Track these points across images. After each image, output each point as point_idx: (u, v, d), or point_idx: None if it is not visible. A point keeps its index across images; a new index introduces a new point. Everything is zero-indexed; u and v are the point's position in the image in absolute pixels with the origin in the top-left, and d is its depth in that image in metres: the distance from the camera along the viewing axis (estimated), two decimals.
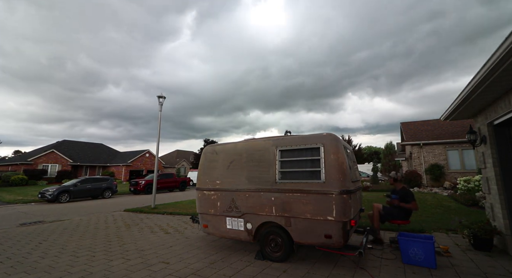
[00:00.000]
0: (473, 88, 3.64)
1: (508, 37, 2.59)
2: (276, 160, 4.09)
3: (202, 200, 4.78)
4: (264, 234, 4.12)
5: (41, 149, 33.03)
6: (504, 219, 4.09)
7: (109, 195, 16.78)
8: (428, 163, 15.30)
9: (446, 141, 15.02)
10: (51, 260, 4.46)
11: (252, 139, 4.86)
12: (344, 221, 3.47)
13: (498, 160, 4.26)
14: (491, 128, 4.42)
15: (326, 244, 3.60)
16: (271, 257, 4.03)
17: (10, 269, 4.07)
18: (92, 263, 4.24)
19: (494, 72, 3.10)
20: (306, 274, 3.49)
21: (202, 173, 4.89)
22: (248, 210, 4.21)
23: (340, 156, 3.69)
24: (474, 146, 4.92)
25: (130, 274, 3.71)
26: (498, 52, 2.80)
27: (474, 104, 4.31)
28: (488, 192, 4.61)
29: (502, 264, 3.66)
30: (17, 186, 23.70)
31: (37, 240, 5.92)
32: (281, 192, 3.92)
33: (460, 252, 4.25)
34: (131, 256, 4.53)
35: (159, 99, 11.45)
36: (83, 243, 5.50)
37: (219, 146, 4.93)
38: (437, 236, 5.07)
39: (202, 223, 4.82)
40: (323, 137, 3.83)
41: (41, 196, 14.10)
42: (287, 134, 24.87)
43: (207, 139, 43.13)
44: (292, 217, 3.80)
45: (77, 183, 15.50)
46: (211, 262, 4.08)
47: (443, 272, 3.45)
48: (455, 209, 7.76)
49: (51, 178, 28.96)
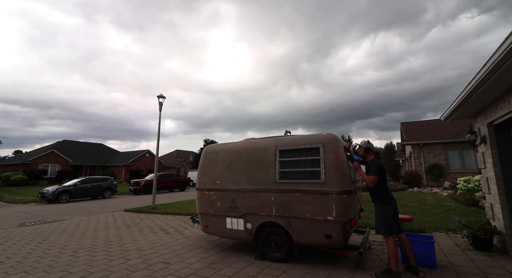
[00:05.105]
0: (473, 88, 3.64)
1: (508, 37, 2.59)
2: (276, 160, 4.09)
3: (202, 200, 4.78)
4: (264, 234, 4.12)
5: (41, 149, 33.05)
6: (504, 219, 4.09)
7: (109, 195, 16.78)
8: (428, 163, 15.29)
9: (446, 141, 15.02)
10: (51, 260, 4.46)
11: (252, 139, 4.86)
12: (344, 221, 3.47)
13: (498, 160, 4.25)
14: (491, 128, 4.42)
15: (326, 244, 3.60)
16: (271, 257, 4.03)
17: (10, 269, 4.07)
18: (92, 263, 4.24)
19: (494, 72, 3.10)
20: (306, 274, 3.49)
21: (202, 173, 4.89)
22: (248, 210, 4.21)
23: (340, 155, 3.69)
24: (474, 146, 4.91)
25: (130, 274, 3.71)
26: (498, 52, 2.79)
27: (474, 104, 4.31)
28: (488, 192, 4.61)
29: (502, 264, 3.66)
30: (17, 186, 23.68)
31: (37, 240, 5.92)
32: (281, 192, 3.92)
33: (460, 252, 4.25)
34: (131, 256, 4.53)
35: (159, 99, 11.46)
36: (83, 243, 5.50)
37: (219, 146, 4.93)
38: (437, 236, 5.07)
39: (202, 223, 4.82)
40: (323, 137, 3.83)
41: (41, 196, 14.10)
42: (287, 134, 24.72)
43: (207, 139, 43.15)
44: (292, 217, 3.80)
45: (77, 183, 15.49)
46: (211, 262, 4.08)
47: (443, 272, 3.45)
48: (455, 209, 7.76)
49: (51, 178, 28.92)
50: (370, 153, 3.84)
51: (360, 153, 3.89)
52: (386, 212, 3.48)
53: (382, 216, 3.49)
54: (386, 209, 3.49)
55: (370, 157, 3.81)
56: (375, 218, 3.60)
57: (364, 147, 3.81)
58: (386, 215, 3.46)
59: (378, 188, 3.55)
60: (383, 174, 3.58)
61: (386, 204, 3.51)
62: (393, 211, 3.48)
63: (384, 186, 3.56)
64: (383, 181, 3.56)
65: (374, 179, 3.51)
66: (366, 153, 3.84)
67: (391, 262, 3.35)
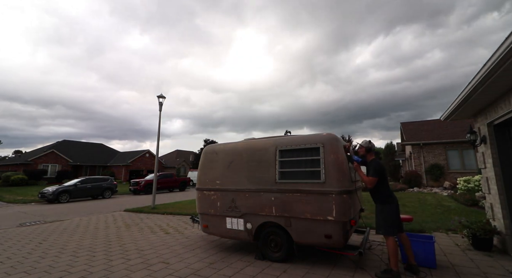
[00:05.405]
0: (473, 88, 3.64)
1: (508, 37, 2.59)
2: (276, 160, 4.09)
3: (202, 200, 4.78)
4: (264, 234, 4.12)
5: (41, 149, 33.04)
6: (504, 219, 4.09)
7: (109, 195, 16.78)
8: (428, 163, 15.29)
9: (446, 141, 15.02)
10: (51, 260, 4.46)
11: (252, 139, 4.86)
12: (344, 221, 3.46)
13: (498, 160, 4.25)
14: (491, 128, 4.42)
15: (326, 244, 3.60)
16: (271, 257, 4.03)
17: (10, 269, 4.07)
18: (92, 263, 4.24)
19: (494, 72, 3.10)
20: (306, 274, 3.49)
21: (202, 173, 4.88)
22: (248, 210, 4.21)
23: (340, 155, 3.69)
24: (474, 146, 4.91)
25: (130, 274, 3.71)
26: (498, 52, 2.79)
27: (474, 104, 4.31)
28: (488, 192, 4.61)
29: (502, 264, 3.66)
30: (17, 186, 23.67)
31: (37, 240, 5.92)
32: (281, 192, 3.92)
33: (460, 252, 4.25)
34: (131, 256, 4.53)
35: (159, 99, 11.46)
36: (83, 243, 5.50)
37: (219, 146, 4.93)
38: (437, 236, 5.07)
39: (202, 223, 4.82)
40: (322, 137, 3.83)
41: (41, 196, 14.10)
42: (287, 134, 24.74)
43: (207, 138, 43.24)
44: (292, 217, 3.80)
45: (77, 183, 15.49)
46: (211, 262, 4.08)
47: (443, 272, 3.45)
48: (455, 209, 7.76)
49: (51, 178, 28.92)
50: (371, 153, 3.77)
51: (361, 153, 3.83)
52: (386, 212, 3.46)
53: (382, 216, 3.47)
54: (387, 209, 3.47)
55: (371, 157, 3.74)
56: (376, 218, 3.59)
57: (365, 147, 3.74)
58: (387, 215, 3.44)
59: (378, 189, 3.52)
60: (383, 174, 3.53)
61: (387, 204, 3.49)
62: (393, 211, 3.46)
63: (384, 186, 3.53)
64: (383, 181, 3.52)
65: (373, 180, 3.46)
66: (367, 153, 3.77)
67: (391, 262, 3.33)
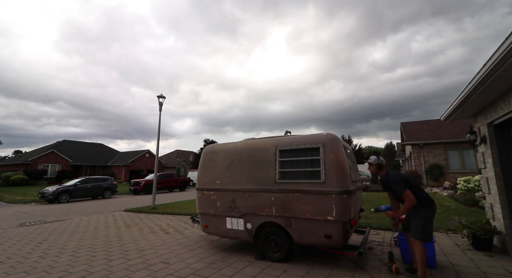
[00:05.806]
0: (473, 88, 3.64)
1: (508, 37, 2.60)
2: (276, 160, 4.09)
3: (202, 200, 4.78)
4: (264, 234, 4.12)
5: (41, 149, 33.04)
6: (504, 219, 4.09)
7: (109, 195, 16.78)
8: (428, 163, 15.29)
9: (446, 141, 15.02)
10: (51, 260, 4.46)
11: (252, 139, 4.86)
12: (344, 221, 3.47)
13: (498, 160, 4.25)
14: (491, 128, 4.42)
15: (326, 244, 3.60)
16: (271, 257, 4.03)
17: (10, 269, 4.07)
18: (92, 263, 4.24)
19: (494, 72, 3.10)
20: (306, 274, 3.49)
21: (202, 173, 4.88)
22: (248, 210, 4.20)
23: (340, 155, 3.69)
24: (474, 146, 4.91)
25: (130, 274, 3.71)
26: (498, 52, 2.79)
27: (474, 104, 4.30)
28: (488, 192, 4.61)
29: (502, 264, 3.66)
30: (17, 186, 23.68)
31: (37, 240, 5.92)
32: (281, 192, 3.91)
33: (460, 252, 4.25)
34: (131, 256, 4.53)
35: (159, 99, 11.46)
36: (83, 243, 5.50)
37: (219, 146, 4.93)
38: (437, 236, 5.07)
39: (202, 223, 4.82)
40: (323, 137, 3.83)
41: (41, 196, 14.10)
42: (287, 134, 24.71)
43: (207, 139, 43.20)
44: (292, 217, 3.80)
45: (77, 183, 15.48)
46: (211, 262, 4.08)
47: (443, 272, 3.46)
48: (455, 209, 7.76)
49: (51, 178, 28.93)
50: (383, 168, 3.61)
51: (372, 171, 3.68)
52: (427, 215, 3.28)
53: (422, 220, 3.26)
54: (428, 212, 3.29)
55: (383, 172, 3.59)
56: (413, 222, 3.32)
57: (375, 164, 3.58)
58: (426, 220, 3.26)
59: (416, 195, 3.27)
60: (408, 181, 3.34)
61: (429, 206, 3.31)
62: (430, 213, 3.30)
63: (418, 191, 3.35)
64: (412, 187, 3.33)
65: (409, 194, 3.20)
66: (379, 170, 3.61)
67: (420, 270, 3.13)
